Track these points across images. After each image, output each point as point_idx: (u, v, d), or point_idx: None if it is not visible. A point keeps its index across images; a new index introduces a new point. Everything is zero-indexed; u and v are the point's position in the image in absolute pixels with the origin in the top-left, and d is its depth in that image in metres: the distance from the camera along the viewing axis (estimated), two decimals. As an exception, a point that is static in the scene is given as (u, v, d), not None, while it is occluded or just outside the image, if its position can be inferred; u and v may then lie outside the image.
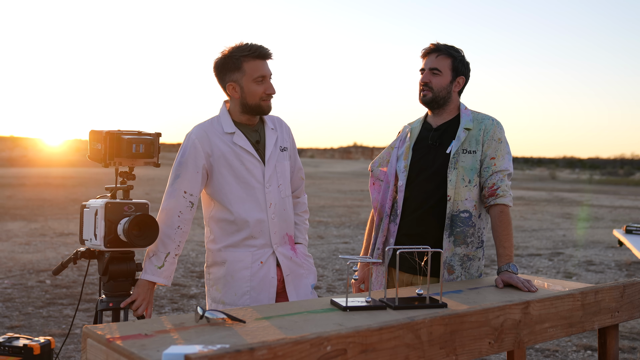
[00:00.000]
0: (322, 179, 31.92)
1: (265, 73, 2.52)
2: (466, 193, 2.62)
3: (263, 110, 2.56)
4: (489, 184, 2.62)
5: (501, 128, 2.70)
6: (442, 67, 2.67)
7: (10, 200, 15.71)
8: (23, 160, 42.86)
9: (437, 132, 2.74)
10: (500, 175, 2.62)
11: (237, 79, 2.52)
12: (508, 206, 2.60)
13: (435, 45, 2.70)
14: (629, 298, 2.40)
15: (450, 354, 1.81)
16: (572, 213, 16.50)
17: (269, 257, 2.58)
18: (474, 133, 2.66)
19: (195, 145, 2.53)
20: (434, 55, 2.69)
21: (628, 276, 7.90)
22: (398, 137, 2.89)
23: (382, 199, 2.79)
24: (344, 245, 9.80)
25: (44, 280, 6.76)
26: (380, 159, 2.87)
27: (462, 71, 2.71)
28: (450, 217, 2.61)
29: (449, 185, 2.62)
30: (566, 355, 4.63)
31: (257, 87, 2.51)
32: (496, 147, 2.65)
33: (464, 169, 2.63)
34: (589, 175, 47.90)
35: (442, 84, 2.68)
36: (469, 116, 2.71)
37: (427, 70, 2.69)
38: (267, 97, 2.54)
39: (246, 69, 2.50)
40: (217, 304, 2.57)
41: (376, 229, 2.80)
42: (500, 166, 2.63)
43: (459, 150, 2.64)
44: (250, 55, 2.49)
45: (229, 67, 2.52)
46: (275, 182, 2.60)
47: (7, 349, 2.65)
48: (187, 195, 2.52)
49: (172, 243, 2.50)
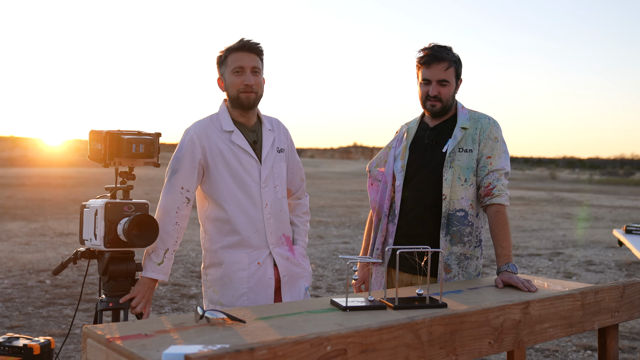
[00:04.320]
0: (322, 179, 31.91)
1: (244, 64, 2.51)
2: (462, 192, 2.62)
3: (242, 103, 2.54)
4: (485, 183, 2.61)
5: (498, 127, 2.69)
6: (450, 77, 2.64)
7: (10, 200, 15.71)
8: (23, 160, 42.85)
9: (434, 131, 2.73)
10: (496, 175, 2.61)
11: (223, 72, 2.58)
12: (504, 205, 2.60)
13: (437, 53, 2.63)
14: (628, 298, 2.40)
15: (450, 354, 1.81)
16: (572, 213, 16.50)
17: (266, 258, 2.57)
18: (470, 132, 2.66)
19: (193, 141, 2.54)
20: (442, 66, 2.62)
21: (628, 276, 7.90)
22: (395, 137, 2.88)
23: (381, 200, 2.78)
24: (344, 245, 9.80)
25: (44, 280, 6.76)
26: (377, 159, 2.87)
27: (461, 73, 2.71)
28: (447, 217, 2.61)
29: (445, 184, 2.61)
30: (566, 355, 4.63)
31: (235, 78, 2.52)
32: (492, 146, 2.65)
33: (460, 167, 2.62)
34: (589, 175, 47.90)
35: (450, 94, 2.67)
36: (466, 115, 2.70)
37: (435, 82, 2.63)
38: (246, 88, 2.51)
39: (228, 62, 2.54)
40: (215, 305, 2.56)
41: (375, 229, 2.80)
42: (497, 165, 2.63)
43: (455, 149, 2.64)
44: (234, 49, 2.53)
45: (219, 62, 2.59)
46: (272, 183, 2.60)
47: (7, 349, 2.65)
48: (184, 191, 2.52)
49: (170, 239, 2.50)
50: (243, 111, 2.58)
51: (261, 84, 2.57)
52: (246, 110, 2.58)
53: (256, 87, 2.54)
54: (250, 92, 2.53)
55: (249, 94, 2.53)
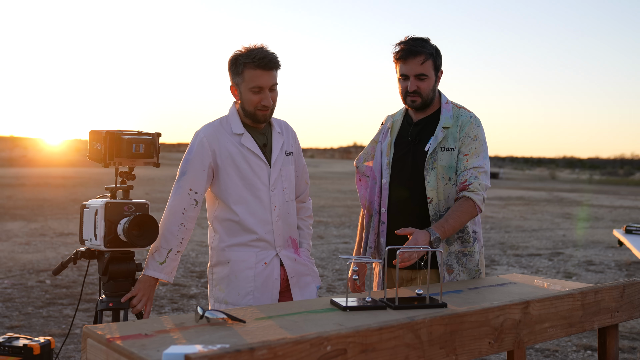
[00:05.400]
0: (322, 179, 31.91)
1: (263, 84, 2.47)
2: (448, 191, 2.58)
3: (258, 119, 2.54)
4: (461, 179, 2.55)
5: (478, 124, 2.63)
6: (428, 70, 2.58)
7: (10, 200, 15.71)
8: (23, 160, 42.86)
9: (417, 127, 2.69)
10: (473, 172, 2.54)
11: (237, 83, 2.53)
12: (475, 202, 2.50)
13: (413, 47, 2.56)
14: (628, 298, 2.40)
15: (450, 354, 1.81)
16: (572, 213, 16.50)
17: (273, 258, 2.58)
18: (452, 130, 2.61)
19: (202, 144, 2.54)
20: (418, 60, 2.56)
21: (628, 276, 7.90)
22: (380, 129, 2.84)
23: (370, 196, 2.74)
24: (344, 245, 9.80)
25: (44, 280, 6.76)
26: (364, 154, 2.82)
27: (440, 65, 2.65)
28: (437, 219, 2.57)
29: (429, 187, 2.57)
30: (566, 355, 4.63)
31: (253, 96, 2.49)
32: (470, 144, 2.59)
33: (443, 167, 2.59)
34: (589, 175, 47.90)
35: (429, 87, 2.61)
36: (449, 112, 2.65)
37: (413, 77, 2.58)
38: (263, 107, 2.51)
39: (245, 76, 2.48)
40: (220, 303, 2.57)
41: (367, 227, 2.76)
42: (474, 163, 2.56)
43: (436, 149, 2.59)
44: (252, 63, 2.46)
45: (233, 70, 2.52)
46: (280, 186, 2.60)
47: (7, 349, 2.65)
48: (192, 193, 2.52)
49: (175, 239, 2.50)
50: (251, 121, 2.58)
51: (276, 98, 2.56)
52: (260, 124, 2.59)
53: (273, 104, 2.54)
54: (267, 110, 2.53)
55: (265, 112, 2.53)
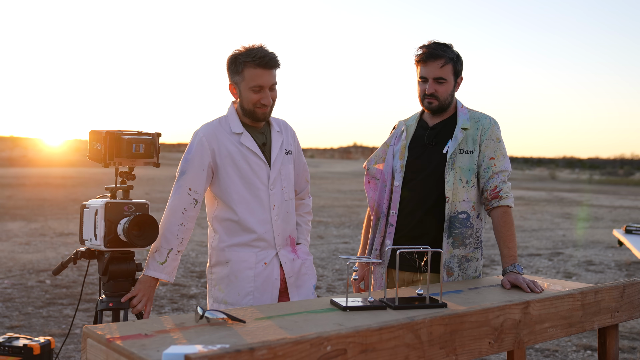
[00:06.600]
0: (322, 179, 31.91)
1: (263, 83, 2.48)
2: (464, 194, 2.60)
3: (257, 117, 2.54)
4: (490, 186, 2.59)
5: (498, 127, 2.68)
6: (447, 74, 2.61)
7: (10, 200, 15.70)
8: (23, 160, 42.84)
9: (434, 130, 2.71)
10: (501, 177, 2.60)
11: (237, 81, 2.53)
12: (511, 207, 2.60)
13: (434, 50, 2.61)
14: (628, 298, 2.40)
15: (450, 354, 1.81)
16: (572, 213, 16.50)
17: (273, 258, 2.58)
18: (470, 133, 2.64)
19: (202, 143, 2.54)
20: (437, 64, 2.60)
21: (628, 276, 7.90)
22: (392, 134, 2.85)
23: (379, 199, 2.76)
24: (344, 245, 9.80)
25: (44, 280, 6.76)
26: (375, 156, 2.84)
27: (460, 71, 2.69)
28: (449, 219, 2.59)
29: (447, 187, 2.60)
30: (566, 355, 4.63)
31: (252, 95, 2.49)
32: (495, 147, 2.63)
33: (462, 169, 2.61)
34: (589, 175, 47.90)
35: (447, 91, 2.64)
36: (466, 115, 2.69)
37: (431, 80, 2.61)
38: (262, 106, 2.51)
39: (245, 75, 2.48)
40: (220, 304, 2.57)
41: (373, 228, 2.77)
42: (501, 166, 2.62)
43: (455, 151, 2.62)
44: (252, 62, 2.46)
45: (233, 69, 2.52)
46: (279, 185, 2.60)
47: (7, 349, 2.65)
48: (192, 192, 2.52)
49: (175, 239, 2.50)
50: (251, 119, 2.58)
51: (276, 97, 2.56)
52: (259, 122, 2.59)
53: (272, 103, 2.54)
54: (266, 107, 2.53)
55: (264, 110, 2.53)
